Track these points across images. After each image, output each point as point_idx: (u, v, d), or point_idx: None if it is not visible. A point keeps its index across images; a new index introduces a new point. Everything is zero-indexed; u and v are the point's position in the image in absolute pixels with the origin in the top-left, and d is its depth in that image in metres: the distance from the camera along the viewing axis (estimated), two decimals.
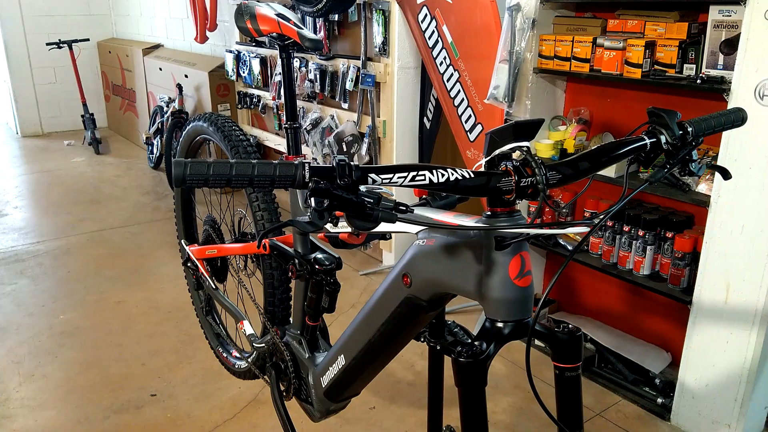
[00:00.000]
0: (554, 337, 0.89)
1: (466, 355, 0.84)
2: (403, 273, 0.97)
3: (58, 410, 2.09)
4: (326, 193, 0.67)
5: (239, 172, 0.67)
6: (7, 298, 2.86)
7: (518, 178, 0.77)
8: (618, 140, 0.86)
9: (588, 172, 0.83)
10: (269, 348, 1.42)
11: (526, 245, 0.84)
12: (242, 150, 1.39)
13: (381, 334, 1.04)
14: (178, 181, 0.65)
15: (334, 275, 1.21)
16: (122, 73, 5.73)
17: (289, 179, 0.68)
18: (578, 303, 2.52)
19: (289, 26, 1.19)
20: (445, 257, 0.89)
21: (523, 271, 0.83)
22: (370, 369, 1.12)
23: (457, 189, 0.75)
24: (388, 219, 0.69)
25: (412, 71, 2.81)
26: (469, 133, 2.59)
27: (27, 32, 5.82)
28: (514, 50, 2.15)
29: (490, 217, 0.82)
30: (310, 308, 1.25)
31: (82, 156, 5.45)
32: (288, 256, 1.27)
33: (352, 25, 2.90)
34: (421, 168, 0.72)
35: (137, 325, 2.64)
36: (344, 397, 1.23)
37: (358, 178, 0.70)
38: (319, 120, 3.16)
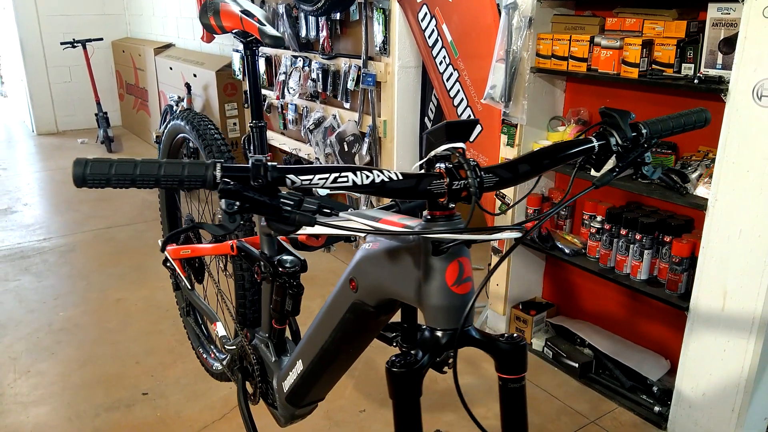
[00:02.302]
0: (495, 347, 0.85)
1: (399, 365, 0.80)
2: (350, 278, 0.94)
3: (50, 407, 2.10)
4: (236, 194, 0.64)
5: (144, 172, 0.64)
6: (10, 294, 2.89)
7: (451, 180, 0.74)
8: (564, 142, 0.82)
9: (529, 176, 0.80)
10: (239, 350, 1.40)
11: (465, 250, 0.81)
12: (215, 149, 1.38)
13: (333, 341, 1.01)
14: (77, 181, 0.63)
15: (297, 278, 1.18)
16: (135, 72, 5.78)
17: (198, 180, 0.65)
18: (577, 307, 2.47)
19: (250, 22, 1.17)
20: (388, 262, 0.86)
21: (461, 278, 0.80)
22: (328, 375, 1.09)
23: (385, 191, 0.71)
24: (306, 223, 0.67)
25: (412, 71, 2.78)
26: None
27: (43, 32, 5.90)
28: (510, 49, 2.10)
29: (429, 221, 0.79)
30: (276, 311, 1.22)
31: (94, 154, 5.50)
32: (253, 258, 1.25)
33: (354, 24, 2.88)
34: (344, 169, 0.70)
35: (135, 323, 2.65)
36: (307, 403, 1.21)
37: (275, 179, 0.67)
38: (322, 119, 3.15)
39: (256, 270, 1.22)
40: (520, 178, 0.79)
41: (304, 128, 3.27)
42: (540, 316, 2.48)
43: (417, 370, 0.80)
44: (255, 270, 1.23)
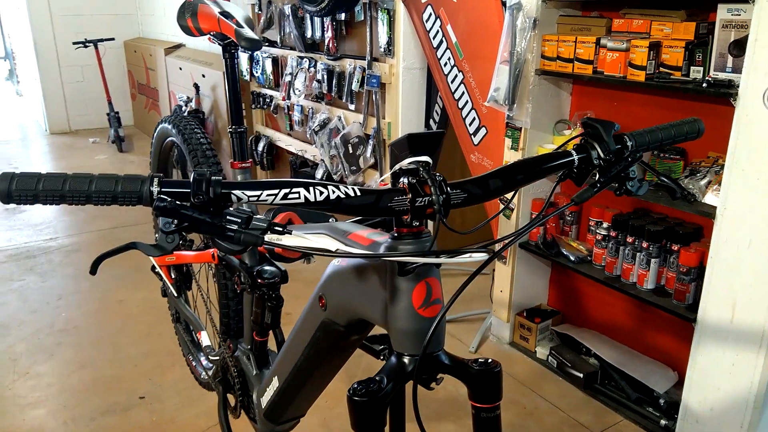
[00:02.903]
0: (466, 373, 0.79)
1: (361, 394, 0.74)
2: (320, 294, 0.89)
3: (47, 410, 2.09)
4: (173, 212, 0.60)
5: (74, 188, 0.60)
6: (14, 294, 2.89)
7: (414, 197, 0.69)
8: (541, 155, 0.77)
9: (500, 192, 0.74)
10: (221, 362, 1.37)
11: (434, 271, 0.75)
12: (200, 154, 1.34)
13: (306, 359, 0.97)
14: (2, 196, 0.59)
15: (277, 290, 1.14)
16: (146, 72, 5.80)
17: (134, 196, 0.61)
18: (583, 315, 2.41)
19: (228, 24, 1.13)
20: (355, 280, 0.81)
21: (429, 300, 0.75)
22: (304, 392, 1.05)
23: (341, 209, 0.67)
24: (252, 242, 0.62)
25: (417, 72, 2.73)
26: (473, 136, 2.51)
27: (56, 31, 5.94)
28: (514, 51, 2.05)
29: (394, 239, 0.74)
30: (256, 323, 1.19)
31: (105, 153, 5.54)
32: (233, 268, 1.22)
33: (359, 25, 2.84)
34: (295, 185, 0.65)
35: (135, 325, 2.63)
36: (286, 419, 1.17)
37: (219, 195, 0.63)
38: (327, 121, 3.11)
39: (236, 280, 1.19)
40: (491, 195, 0.74)
41: (309, 129, 3.24)
42: (545, 324, 2.42)
43: (380, 399, 0.74)
44: (235, 280, 1.19)
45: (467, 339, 2.52)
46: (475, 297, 2.87)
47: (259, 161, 3.98)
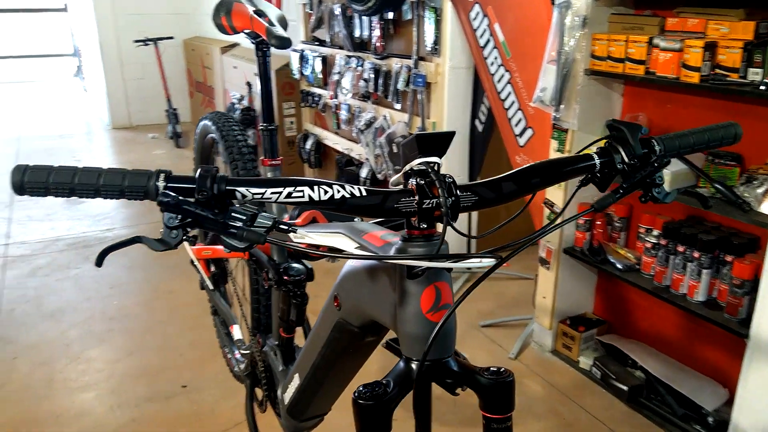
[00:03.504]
0: (477, 382, 0.76)
1: (366, 397, 0.73)
2: (334, 294, 0.89)
3: (95, 394, 2.18)
4: (177, 208, 0.60)
5: (83, 181, 0.61)
6: (71, 281, 3.03)
7: (422, 198, 0.67)
8: (560, 158, 0.74)
9: (514, 195, 0.72)
10: (250, 356, 1.38)
11: (443, 275, 0.73)
12: (236, 151, 1.37)
13: (323, 358, 0.96)
14: (15, 188, 0.61)
15: (302, 287, 1.15)
16: (203, 71, 5.97)
17: (140, 191, 0.62)
18: (630, 325, 2.32)
19: (260, 22, 1.14)
20: (367, 281, 0.80)
21: (438, 305, 0.73)
22: (325, 390, 1.05)
23: (346, 208, 0.66)
24: (254, 240, 0.62)
25: (463, 71, 2.70)
26: (519, 137, 2.46)
27: (119, 30, 6.18)
28: (562, 50, 2.00)
29: (404, 240, 0.72)
30: (282, 320, 1.19)
31: (163, 149, 5.73)
32: (262, 264, 1.23)
33: (407, 24, 2.83)
34: (300, 183, 0.64)
35: (182, 316, 2.71)
36: (308, 417, 1.17)
37: (223, 192, 0.62)
38: (373, 120, 3.12)
39: (264, 276, 1.20)
40: (504, 198, 0.71)
41: (355, 128, 3.25)
42: (589, 333, 2.35)
43: (385, 404, 0.73)
44: (263, 276, 1.21)
45: (508, 345, 2.47)
46: (518, 302, 2.82)
47: (307, 159, 4.03)
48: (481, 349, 2.46)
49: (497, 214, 3.07)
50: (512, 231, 0.69)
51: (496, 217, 3.05)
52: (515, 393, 0.78)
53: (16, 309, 2.73)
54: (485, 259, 0.65)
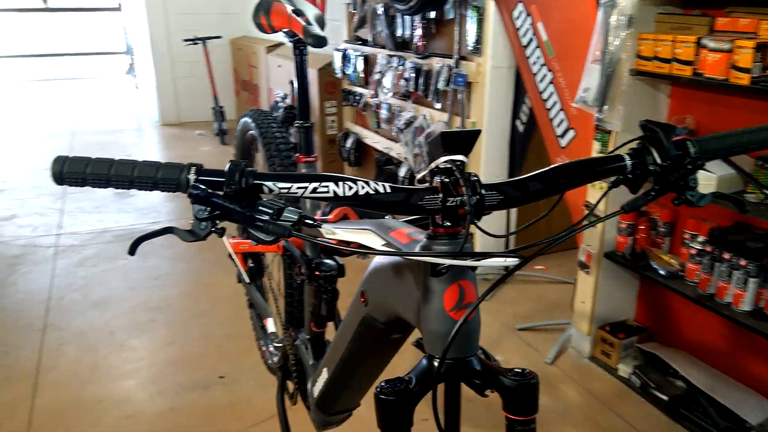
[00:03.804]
0: (499, 382, 0.75)
1: (387, 393, 0.73)
2: (361, 290, 0.89)
3: (136, 382, 2.25)
4: (206, 200, 0.62)
5: (118, 173, 0.64)
6: (117, 272, 3.13)
7: (445, 196, 0.67)
8: (590, 158, 0.72)
9: (541, 195, 0.70)
10: (283, 349, 1.41)
11: (468, 274, 0.73)
12: (274, 147, 1.39)
13: (350, 353, 0.97)
14: (55, 178, 0.63)
15: (333, 283, 1.16)
16: (249, 70, 6.08)
17: (172, 183, 0.64)
18: (672, 334, 2.26)
19: (297, 21, 1.16)
20: (393, 278, 0.80)
21: (461, 303, 0.72)
22: (352, 385, 1.05)
23: (370, 204, 0.66)
24: (280, 234, 0.63)
25: (505, 71, 2.67)
26: (561, 138, 2.42)
27: (170, 30, 6.36)
28: (607, 50, 1.95)
29: (429, 238, 0.72)
30: (314, 314, 1.21)
31: (209, 145, 5.87)
32: (295, 259, 1.25)
33: (449, 23, 2.82)
34: (325, 179, 0.65)
35: (222, 308, 2.77)
36: (336, 411, 1.18)
37: (250, 186, 0.64)
38: (413, 119, 3.12)
39: (297, 271, 1.22)
40: (530, 198, 0.70)
41: (395, 127, 3.26)
42: (629, 341, 2.29)
43: (407, 400, 0.73)
44: (296, 271, 1.22)
45: (544, 349, 2.43)
46: (556, 306, 2.77)
47: (347, 157, 4.06)
48: (516, 353, 2.43)
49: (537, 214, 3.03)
50: (551, 232, 0.67)
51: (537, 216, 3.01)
52: (550, 397, 0.77)
53: (65, 297, 2.85)
54: (509, 259, 0.65)
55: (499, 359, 2.36)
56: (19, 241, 3.51)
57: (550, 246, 0.68)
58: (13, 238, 3.55)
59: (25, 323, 2.62)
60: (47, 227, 3.72)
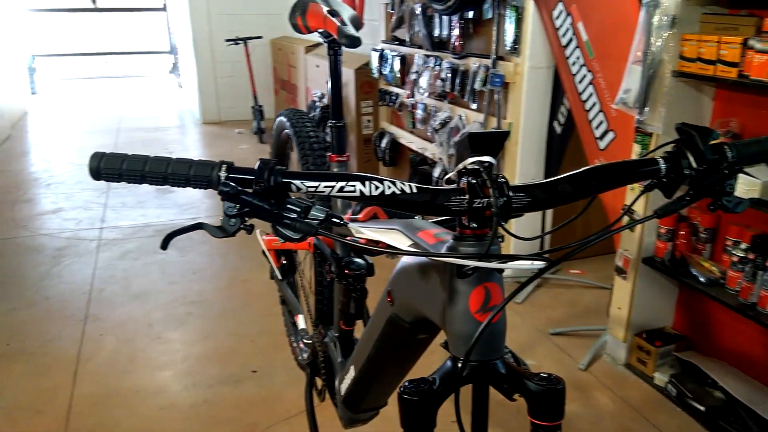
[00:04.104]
0: (525, 387, 0.74)
1: (411, 393, 0.73)
2: (388, 289, 0.89)
3: (171, 373, 2.30)
4: (235, 197, 0.63)
5: (152, 169, 0.65)
6: (156, 265, 3.21)
7: (472, 198, 0.66)
8: (623, 161, 0.70)
9: (570, 198, 0.69)
10: (312, 345, 1.42)
11: (494, 276, 0.72)
12: (307, 146, 1.40)
13: (376, 352, 0.97)
14: (92, 173, 0.66)
15: (362, 281, 1.16)
16: (288, 69, 6.15)
17: (204, 180, 0.65)
18: (711, 343, 2.19)
19: (332, 22, 1.17)
20: (419, 278, 0.80)
21: (486, 305, 0.72)
22: (379, 384, 1.05)
23: (396, 204, 0.66)
24: (306, 232, 0.64)
25: (544, 71, 2.64)
26: (599, 140, 2.37)
27: (212, 30, 6.48)
28: (649, 50, 1.91)
29: (456, 239, 0.71)
30: (343, 312, 1.22)
31: (247, 144, 5.96)
32: (325, 257, 1.26)
33: (486, 23, 2.80)
34: (352, 178, 0.65)
35: (256, 304, 2.82)
36: (364, 409, 1.18)
37: (279, 184, 0.64)
38: (448, 119, 3.11)
39: (327, 269, 1.23)
40: (559, 201, 0.69)
41: (430, 128, 3.25)
42: (666, 349, 2.23)
43: (430, 400, 0.73)
44: (326, 269, 1.24)
45: (578, 355, 2.39)
46: (591, 312, 2.72)
47: (381, 157, 4.07)
48: (549, 358, 2.40)
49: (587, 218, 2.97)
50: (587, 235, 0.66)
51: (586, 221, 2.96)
52: (583, 404, 0.76)
53: (105, 289, 2.94)
54: (536, 262, 0.64)
55: (531, 364, 2.33)
56: (64, 233, 3.63)
57: (579, 249, 0.67)
58: (58, 230, 3.68)
59: (68, 313, 2.71)
60: (91, 221, 3.84)
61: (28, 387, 2.20)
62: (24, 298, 2.83)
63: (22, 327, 2.59)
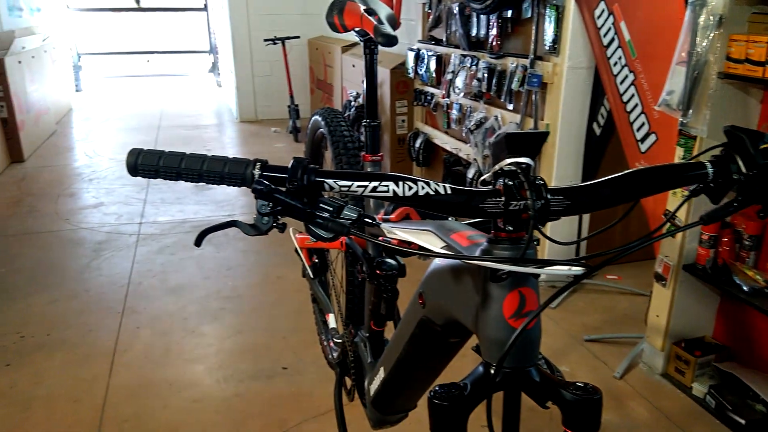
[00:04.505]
0: (561, 396, 0.71)
1: (441, 397, 0.71)
2: (420, 291, 0.87)
3: (204, 366, 2.34)
4: (268, 195, 0.62)
5: (188, 166, 0.65)
6: (193, 260, 3.27)
7: (508, 200, 0.64)
8: (668, 164, 0.67)
9: (612, 202, 0.66)
10: (342, 345, 1.41)
11: (530, 281, 0.70)
12: (341, 146, 1.40)
13: (406, 354, 0.96)
14: (129, 169, 0.66)
15: (393, 282, 1.15)
16: (324, 69, 6.19)
17: (238, 178, 0.65)
18: (754, 354, 2.11)
19: (369, 20, 1.16)
20: (452, 280, 0.78)
21: (521, 311, 0.69)
22: (407, 388, 1.04)
23: (429, 205, 0.65)
24: (338, 231, 0.63)
25: (583, 72, 2.58)
26: (640, 143, 2.31)
27: (251, 29, 6.57)
28: (694, 51, 1.85)
29: (490, 242, 0.70)
30: (373, 313, 1.21)
31: (283, 142, 6.02)
32: (357, 256, 1.25)
33: (525, 22, 2.76)
34: (385, 178, 0.64)
35: (288, 301, 2.84)
36: (392, 411, 1.17)
37: (312, 183, 0.64)
38: (484, 120, 3.07)
39: (358, 269, 1.23)
40: (600, 205, 0.66)
41: (465, 128, 3.22)
42: (706, 359, 2.16)
43: (460, 406, 0.71)
44: (358, 269, 1.23)
45: (613, 363, 2.33)
46: (628, 319, 2.66)
47: (415, 157, 4.05)
48: (583, 365, 2.35)
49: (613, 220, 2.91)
50: (627, 240, 0.63)
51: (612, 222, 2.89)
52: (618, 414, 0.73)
53: (143, 282, 3.00)
54: (574, 268, 0.62)
55: (564, 370, 2.29)
56: (105, 228, 3.73)
57: (620, 256, 0.64)
58: (99, 224, 3.78)
59: (106, 305, 2.78)
60: (131, 216, 3.93)
61: (67, 376, 2.26)
62: (65, 290, 2.91)
63: (63, 318, 2.67)
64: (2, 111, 4.90)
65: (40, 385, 2.21)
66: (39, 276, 3.06)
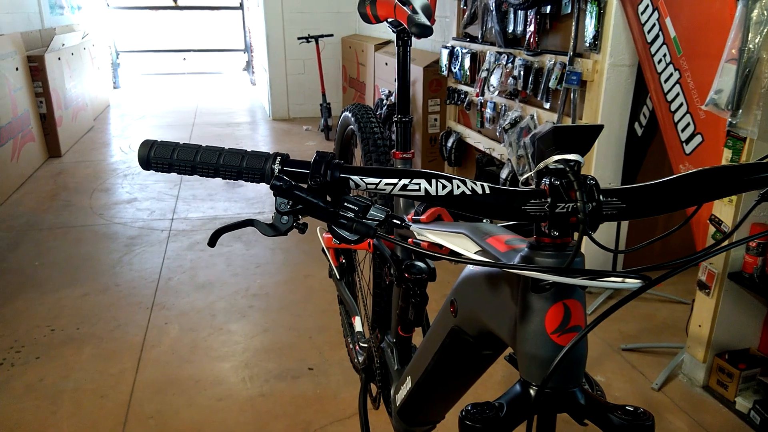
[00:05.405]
0: (608, 421, 0.63)
1: (473, 419, 0.63)
2: (451, 299, 0.81)
3: (230, 365, 2.32)
4: (288, 192, 0.57)
5: (204, 160, 0.60)
6: (222, 257, 3.27)
7: (554, 201, 0.58)
8: (736, 165, 0.59)
9: (672, 206, 0.58)
10: (368, 350, 1.36)
11: (576, 292, 0.62)
12: (371, 143, 1.35)
13: (435, 364, 0.89)
14: (142, 162, 0.62)
15: (422, 286, 1.09)
16: (357, 67, 6.16)
17: (257, 173, 0.60)
18: None
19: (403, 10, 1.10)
20: (486, 289, 0.71)
21: (565, 326, 0.62)
22: (435, 399, 0.98)
23: (465, 206, 0.58)
24: (363, 233, 0.57)
25: (626, 69, 2.48)
26: (685, 144, 2.21)
27: (285, 28, 6.58)
28: (746, 48, 1.74)
29: (532, 248, 0.63)
30: (401, 318, 1.15)
31: (314, 141, 6.02)
32: (385, 259, 1.20)
33: (565, 18, 2.67)
34: (417, 175, 0.58)
35: (316, 300, 2.80)
36: (419, 422, 1.11)
37: (337, 179, 0.58)
38: (519, 119, 2.99)
39: (386, 272, 1.17)
40: (658, 209, 0.59)
41: (499, 127, 3.14)
42: (751, 372, 2.05)
43: (496, 429, 0.64)
44: (385, 271, 1.18)
45: (651, 374, 2.23)
46: (668, 328, 2.55)
47: (447, 157, 3.98)
48: (620, 375, 2.25)
49: (652, 227, 2.80)
50: (668, 249, 0.57)
51: (650, 230, 2.78)
52: (656, 427, 0.66)
53: (173, 278, 3.01)
54: (629, 280, 0.55)
55: (600, 380, 2.20)
56: (137, 223, 3.76)
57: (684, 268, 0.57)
58: (132, 220, 3.82)
59: (136, 300, 2.79)
60: (163, 212, 3.96)
61: (95, 371, 2.26)
62: (96, 284, 2.94)
63: (93, 312, 2.69)
64: (41, 107, 5.00)
65: (68, 379, 2.22)
66: (71, 270, 3.10)
